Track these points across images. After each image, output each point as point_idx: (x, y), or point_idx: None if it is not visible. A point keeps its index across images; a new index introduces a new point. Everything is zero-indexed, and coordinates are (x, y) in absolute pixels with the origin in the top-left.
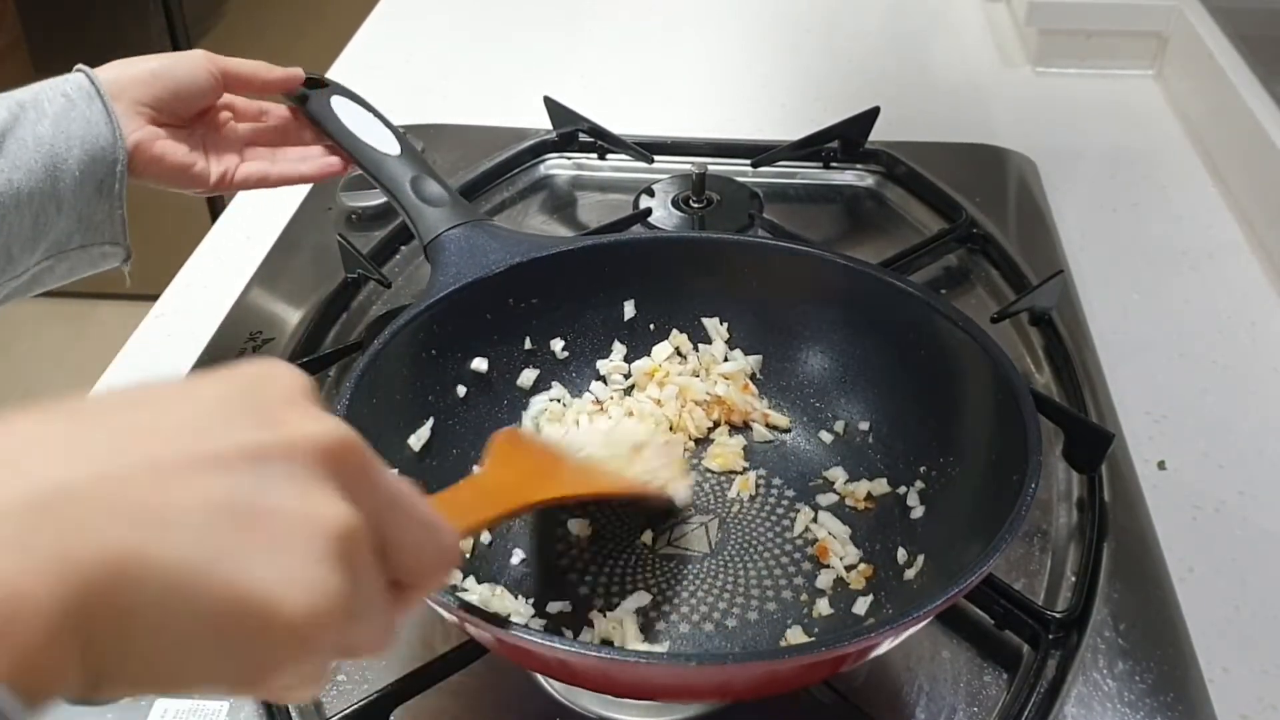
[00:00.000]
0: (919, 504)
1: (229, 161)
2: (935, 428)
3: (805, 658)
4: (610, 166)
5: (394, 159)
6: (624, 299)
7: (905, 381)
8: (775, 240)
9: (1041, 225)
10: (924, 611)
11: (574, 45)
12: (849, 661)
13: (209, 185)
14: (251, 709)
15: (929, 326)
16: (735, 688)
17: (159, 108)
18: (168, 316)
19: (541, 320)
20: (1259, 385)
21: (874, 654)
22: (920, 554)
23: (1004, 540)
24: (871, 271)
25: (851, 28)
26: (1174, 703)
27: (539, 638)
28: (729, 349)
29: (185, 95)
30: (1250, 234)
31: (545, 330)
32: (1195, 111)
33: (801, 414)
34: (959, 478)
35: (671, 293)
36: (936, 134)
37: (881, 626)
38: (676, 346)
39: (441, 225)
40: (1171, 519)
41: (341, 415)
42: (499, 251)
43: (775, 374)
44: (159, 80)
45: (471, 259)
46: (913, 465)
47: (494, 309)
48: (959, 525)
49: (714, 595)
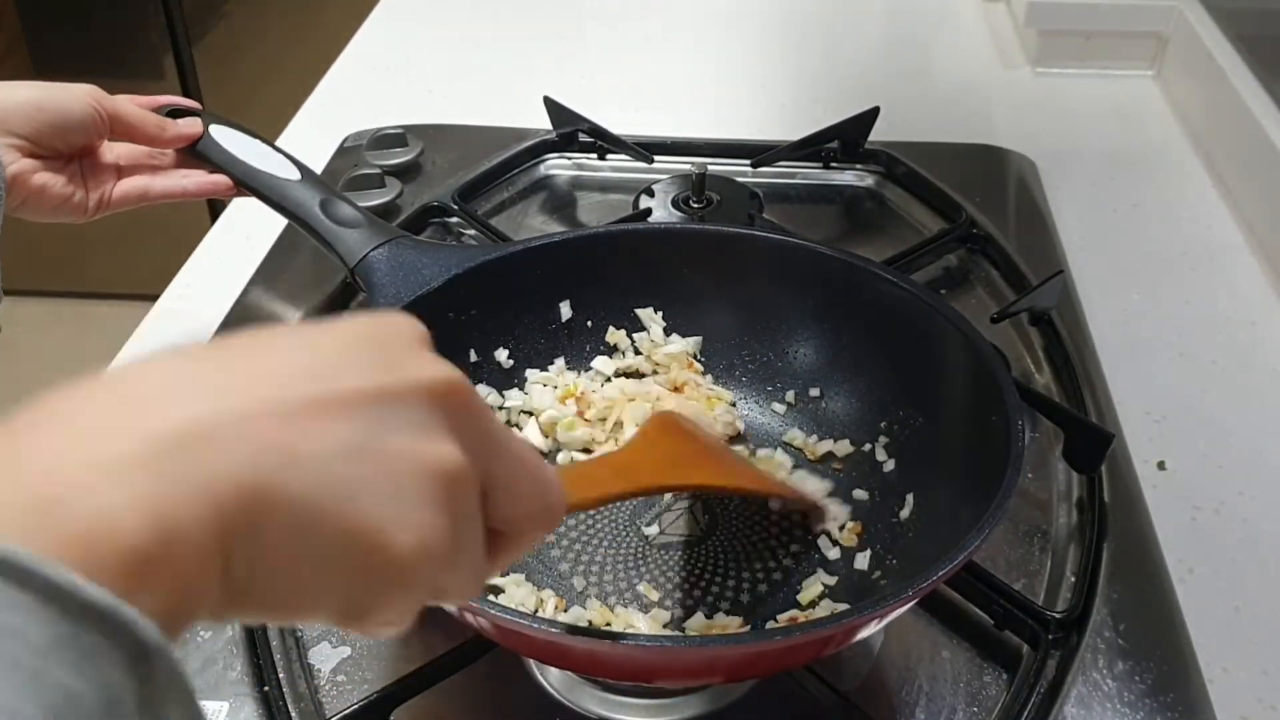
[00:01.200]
0: (888, 457)
1: (106, 183)
2: (889, 383)
3: (793, 639)
4: (610, 167)
5: (295, 184)
6: (559, 300)
7: (849, 344)
8: (696, 226)
9: (1041, 226)
10: (916, 591)
11: (574, 45)
12: (838, 644)
13: (87, 213)
14: (252, 708)
15: (861, 285)
16: (721, 667)
17: (38, 140)
18: (167, 317)
19: (482, 330)
20: (1259, 386)
21: (862, 634)
22: (908, 493)
23: (998, 512)
24: (789, 240)
25: (851, 28)
26: (1174, 703)
27: (536, 622)
28: (666, 336)
29: (67, 131)
30: (1250, 235)
31: (487, 340)
32: (1195, 112)
33: (750, 389)
34: (923, 427)
35: (605, 288)
36: (936, 134)
37: (864, 609)
38: (614, 343)
39: (364, 246)
40: (1171, 519)
41: None
42: (430, 267)
43: (717, 353)
44: (41, 113)
45: (405, 278)
46: (873, 422)
47: (435, 324)
48: (936, 468)
49: (721, 574)
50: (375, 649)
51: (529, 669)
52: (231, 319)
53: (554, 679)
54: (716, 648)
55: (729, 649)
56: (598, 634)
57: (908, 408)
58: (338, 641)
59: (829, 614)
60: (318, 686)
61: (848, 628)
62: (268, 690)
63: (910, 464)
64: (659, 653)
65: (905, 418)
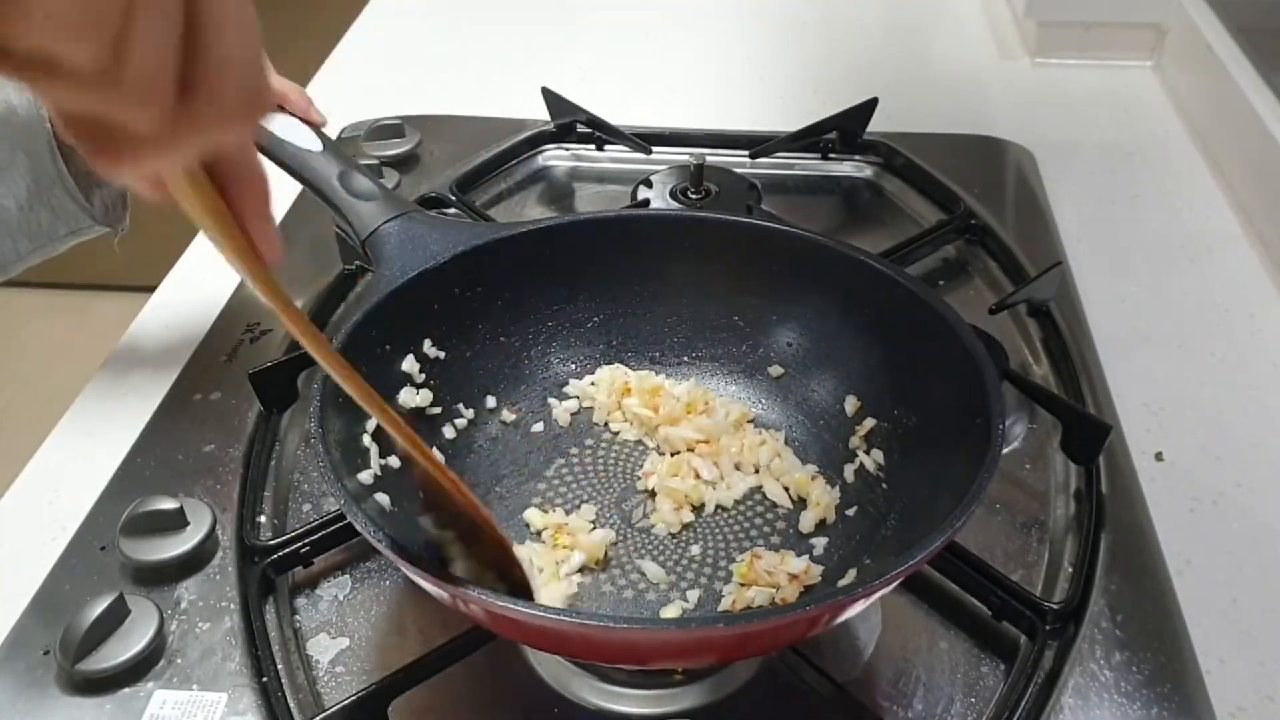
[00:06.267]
0: (869, 449)
1: None
2: (875, 376)
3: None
4: (608, 158)
5: (317, 155)
6: (565, 281)
7: (833, 332)
8: (703, 214)
9: (1040, 217)
10: (898, 571)
11: (572, 36)
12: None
13: None
14: (250, 699)
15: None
16: (714, 647)
17: None
18: (166, 308)
19: (487, 308)
20: (1257, 378)
21: (847, 613)
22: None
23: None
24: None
25: (850, 19)
26: (1171, 694)
27: (531, 607)
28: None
29: None
30: (1249, 226)
31: (493, 319)
32: (1194, 103)
33: (733, 375)
34: (907, 420)
35: (608, 272)
36: (935, 125)
37: (854, 588)
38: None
39: (377, 219)
40: (1169, 511)
41: (316, 425)
42: (440, 242)
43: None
44: None
45: (413, 252)
46: (855, 417)
47: (441, 299)
48: (919, 462)
49: (712, 557)
50: (374, 641)
51: (526, 660)
52: (229, 310)
53: (551, 670)
54: (707, 628)
55: (720, 630)
56: (589, 616)
57: (895, 403)
58: (336, 633)
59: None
60: (316, 678)
61: (833, 607)
62: (266, 681)
63: (896, 460)
64: (650, 634)
65: (891, 412)
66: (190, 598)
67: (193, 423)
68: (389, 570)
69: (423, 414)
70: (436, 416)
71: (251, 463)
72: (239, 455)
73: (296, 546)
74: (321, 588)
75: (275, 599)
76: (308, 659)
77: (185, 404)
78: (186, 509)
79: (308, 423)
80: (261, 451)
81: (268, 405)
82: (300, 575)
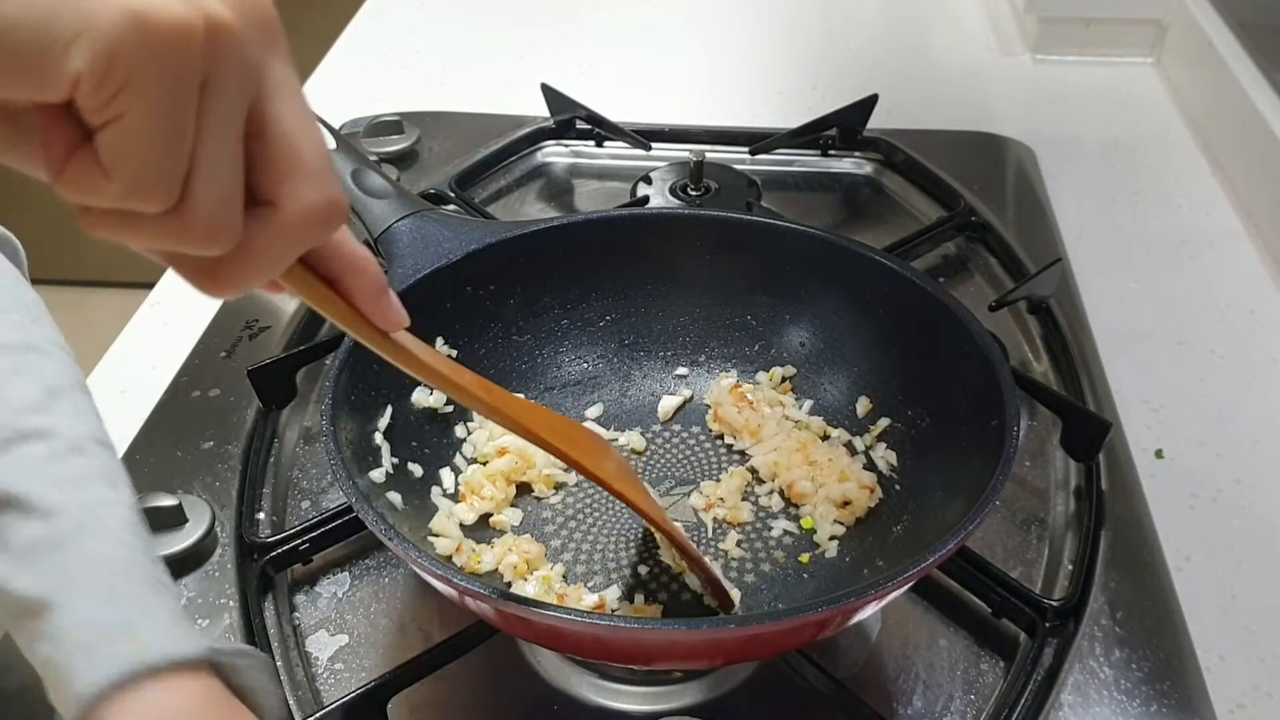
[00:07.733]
0: (885, 448)
1: None
2: (887, 375)
3: (792, 621)
4: (608, 154)
5: (330, 153)
6: (577, 280)
7: (845, 330)
8: (718, 212)
9: (1040, 213)
10: (912, 573)
11: (572, 33)
12: (835, 626)
13: None
14: None
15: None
16: (722, 649)
17: None
18: (163, 305)
19: (500, 306)
20: (1257, 374)
21: (858, 615)
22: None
23: (991, 495)
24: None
25: (850, 15)
26: (1170, 690)
27: (538, 606)
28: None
29: None
30: (1249, 223)
31: (505, 317)
32: (1194, 100)
33: (743, 372)
34: (920, 420)
35: (621, 270)
36: (935, 122)
37: (866, 589)
38: None
39: (389, 217)
40: (1169, 508)
41: (326, 419)
42: (451, 240)
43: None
44: None
45: (425, 249)
46: (869, 416)
47: (453, 297)
48: (930, 463)
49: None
50: (373, 637)
51: (526, 657)
52: (228, 307)
53: (550, 667)
54: (717, 630)
55: (728, 631)
56: (597, 616)
57: (908, 403)
58: (335, 630)
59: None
60: (315, 674)
61: (844, 610)
62: None
63: (910, 461)
64: (658, 634)
65: (905, 412)
66: (189, 594)
67: (191, 419)
68: (388, 567)
69: (435, 414)
70: (449, 415)
71: (250, 459)
72: (238, 452)
73: (296, 543)
74: (320, 585)
75: (274, 596)
76: (307, 656)
77: (184, 401)
78: (185, 506)
79: (307, 419)
80: (260, 448)
81: (267, 402)
82: (299, 572)
